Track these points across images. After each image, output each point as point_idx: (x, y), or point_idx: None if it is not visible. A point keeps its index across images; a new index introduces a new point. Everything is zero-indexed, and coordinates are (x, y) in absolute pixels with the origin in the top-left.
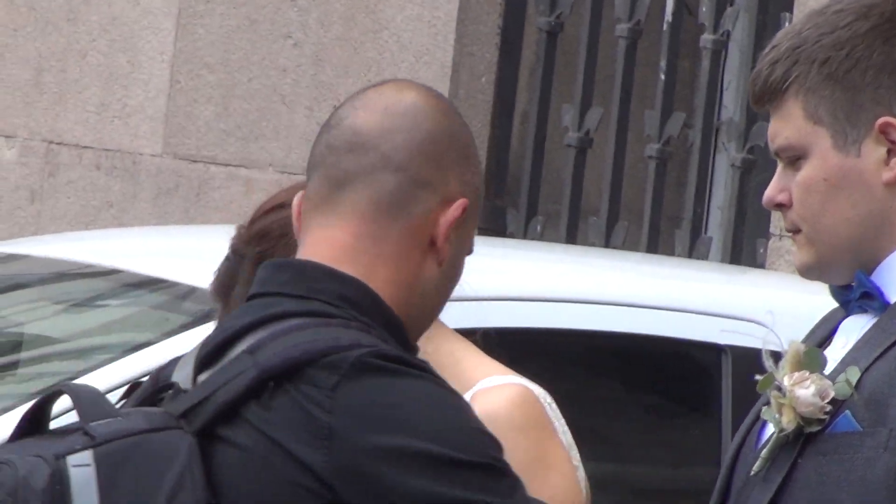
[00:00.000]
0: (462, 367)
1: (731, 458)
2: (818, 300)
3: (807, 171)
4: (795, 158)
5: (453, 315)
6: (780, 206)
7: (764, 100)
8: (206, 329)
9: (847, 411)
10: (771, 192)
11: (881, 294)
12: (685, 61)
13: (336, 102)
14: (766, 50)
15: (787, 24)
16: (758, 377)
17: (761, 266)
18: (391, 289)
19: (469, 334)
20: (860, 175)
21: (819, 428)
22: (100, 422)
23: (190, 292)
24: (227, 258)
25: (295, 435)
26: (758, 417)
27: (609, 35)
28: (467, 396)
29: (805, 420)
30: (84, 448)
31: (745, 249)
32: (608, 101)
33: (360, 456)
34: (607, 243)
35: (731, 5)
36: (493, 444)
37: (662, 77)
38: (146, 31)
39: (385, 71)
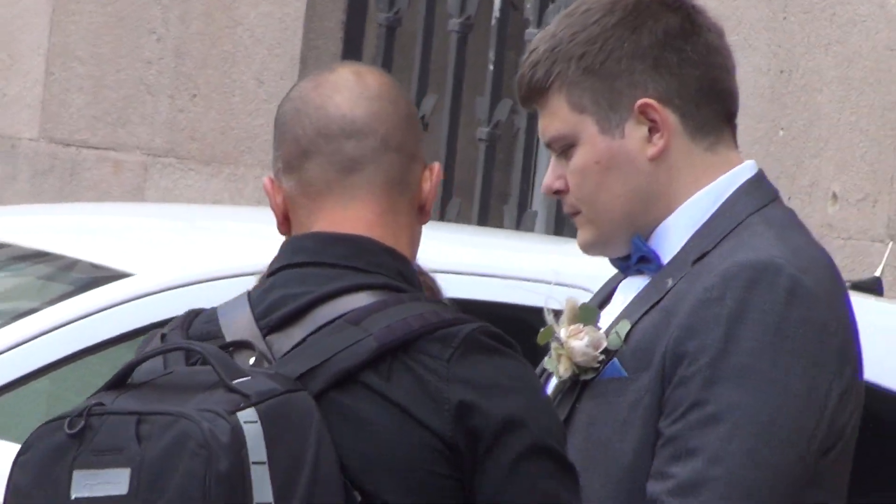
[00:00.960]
0: None
1: None
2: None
3: (578, 157)
4: (567, 147)
5: None
6: (559, 193)
7: (531, 100)
8: (88, 297)
9: (615, 359)
10: (548, 180)
11: (657, 257)
12: (512, 53)
13: (196, 91)
14: (526, 55)
15: None
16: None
17: None
18: (410, 257)
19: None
20: (627, 154)
21: (594, 376)
22: (240, 381)
23: (72, 264)
24: None
25: (418, 401)
26: (545, 369)
27: (442, 29)
28: None
29: (580, 368)
30: (248, 406)
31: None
32: (442, 89)
33: (477, 422)
34: (442, 218)
35: (553, 2)
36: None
37: (491, 67)
38: (23, 28)
39: (240, 63)
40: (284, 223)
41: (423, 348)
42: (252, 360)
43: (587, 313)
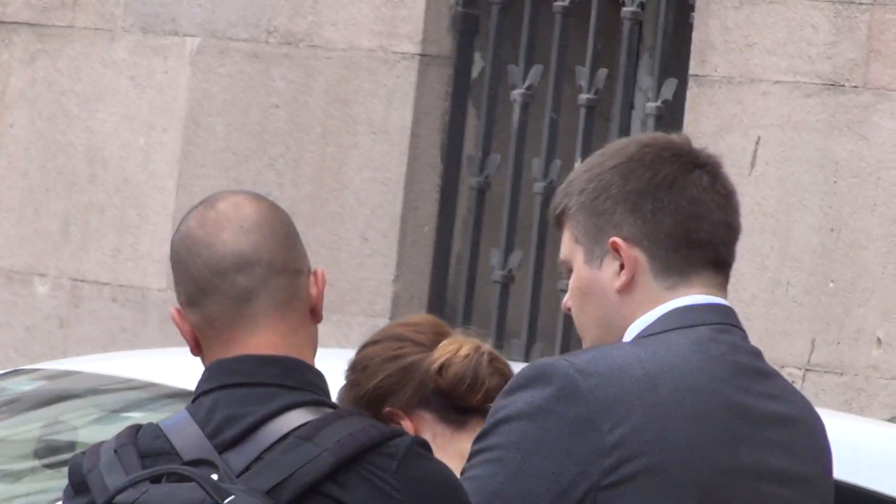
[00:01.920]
0: None
1: None
2: None
3: (571, 281)
4: (569, 271)
5: None
6: (570, 310)
7: (555, 226)
8: None
9: None
10: (564, 299)
11: None
12: None
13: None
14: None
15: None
16: None
17: None
18: (312, 361)
19: None
20: (600, 284)
21: None
22: (228, 500)
23: None
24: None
25: (375, 503)
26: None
27: (528, 191)
28: None
29: None
30: None
31: None
32: (527, 245)
33: None
34: (527, 360)
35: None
36: None
37: None
38: (153, 191)
39: (347, 222)
40: (196, 348)
41: (371, 460)
42: (215, 477)
43: None
